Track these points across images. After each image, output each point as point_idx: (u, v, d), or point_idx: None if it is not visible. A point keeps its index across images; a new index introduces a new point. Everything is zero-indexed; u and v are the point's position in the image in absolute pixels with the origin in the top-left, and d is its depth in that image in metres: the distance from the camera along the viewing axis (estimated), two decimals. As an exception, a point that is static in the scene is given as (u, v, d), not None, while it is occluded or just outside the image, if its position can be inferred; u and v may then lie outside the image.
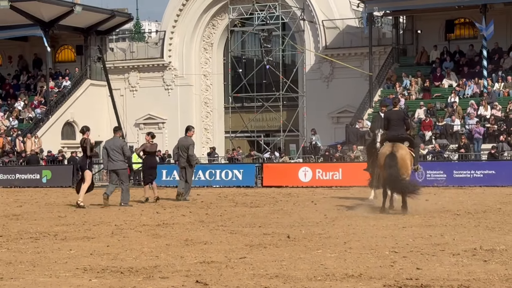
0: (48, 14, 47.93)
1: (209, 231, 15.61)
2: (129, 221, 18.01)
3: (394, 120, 19.53)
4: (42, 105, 49.49)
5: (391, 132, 19.47)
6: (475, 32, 43.77)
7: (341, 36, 47.29)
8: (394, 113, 19.88)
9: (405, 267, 10.48)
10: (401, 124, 19.55)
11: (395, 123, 19.47)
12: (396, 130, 19.43)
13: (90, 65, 51.42)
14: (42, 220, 18.63)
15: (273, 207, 22.28)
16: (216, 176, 37.32)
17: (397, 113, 19.88)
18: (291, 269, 10.49)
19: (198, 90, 51.55)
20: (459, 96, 41.22)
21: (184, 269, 10.63)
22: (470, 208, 20.39)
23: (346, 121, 43.20)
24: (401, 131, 19.50)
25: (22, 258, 11.95)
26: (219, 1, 50.62)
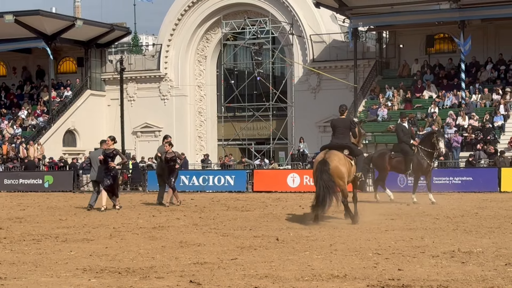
0: (50, 27, 47.86)
1: (203, 233, 15.60)
2: (126, 224, 17.99)
3: (340, 128, 18.55)
4: (44, 114, 49.39)
5: (334, 140, 18.56)
6: (454, 46, 43.88)
7: (328, 49, 47.36)
8: (340, 121, 18.77)
9: (388, 268, 10.49)
10: (347, 133, 18.50)
11: (340, 131, 18.49)
12: (340, 138, 18.43)
13: (90, 76, 51.36)
14: (44, 223, 18.60)
15: (263, 211, 22.27)
16: (209, 182, 37.28)
17: (343, 121, 18.72)
18: (280, 269, 10.49)
19: (192, 100, 51.52)
20: (438, 106, 41.30)
21: (179, 269, 10.62)
22: (448, 212, 20.42)
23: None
24: (345, 140, 18.41)
25: (25, 258, 11.92)
26: (213, 16, 50.66)
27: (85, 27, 48.80)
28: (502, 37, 43.74)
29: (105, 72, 52.33)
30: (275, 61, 49.60)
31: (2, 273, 10.40)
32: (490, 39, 44.10)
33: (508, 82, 41.68)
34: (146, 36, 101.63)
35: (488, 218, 18.67)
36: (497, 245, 13.01)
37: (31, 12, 47.19)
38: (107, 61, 52.66)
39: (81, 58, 51.77)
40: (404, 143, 25.60)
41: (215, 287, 9.26)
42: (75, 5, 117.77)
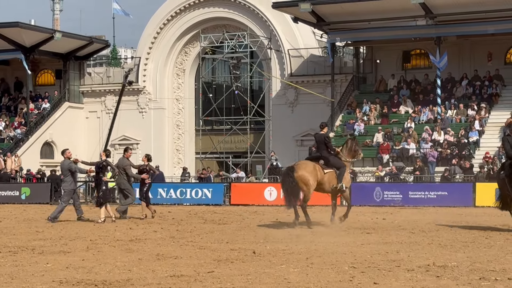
0: (29, 39, 47.71)
1: (179, 246, 15.56)
2: (103, 236, 17.91)
3: (318, 142, 21.37)
4: (22, 125, 49.17)
5: (315, 153, 21.79)
6: (430, 62, 44.08)
7: (305, 64, 47.50)
8: (318, 136, 21.56)
9: (363, 282, 10.50)
10: (323, 147, 20.95)
11: (319, 145, 21.26)
12: (319, 151, 21.13)
13: (68, 88, 51.20)
14: (20, 235, 18.48)
15: (240, 224, 22.25)
16: (186, 195, 37.19)
17: (319, 136, 21.41)
18: (256, 283, 10.48)
19: (170, 113, 51.47)
20: (414, 121, 41.50)
21: (155, 282, 10.58)
22: (424, 227, 20.48)
23: (310, 144, 43.26)
24: (323, 153, 20.80)
25: (1, 270, 11.83)
26: (192, 30, 50.70)
27: (64, 40, 48.69)
28: (477, 54, 44.07)
29: (84, 85, 52.19)
30: (253, 75, 49.70)
31: (-23, 285, 10.33)
32: (466, 55, 44.43)
33: (483, 98, 41.96)
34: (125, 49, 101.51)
35: (463, 232, 18.75)
36: (471, 259, 13.06)
37: (10, 24, 47.05)
38: (85, 74, 52.53)
39: (59, 70, 51.61)
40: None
41: (192, 300, 9.24)
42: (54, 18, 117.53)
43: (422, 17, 41.97)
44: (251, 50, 48.46)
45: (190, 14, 50.37)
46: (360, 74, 46.81)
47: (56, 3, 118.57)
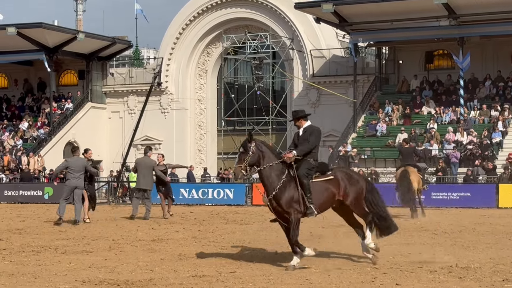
0: (52, 40, 47.93)
1: (201, 246, 15.58)
2: (125, 236, 17.95)
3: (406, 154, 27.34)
4: (45, 126, 49.41)
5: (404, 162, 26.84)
6: (453, 63, 43.89)
7: (328, 64, 47.40)
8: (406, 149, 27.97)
9: (385, 283, 10.47)
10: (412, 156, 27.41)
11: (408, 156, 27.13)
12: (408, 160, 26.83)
13: (91, 88, 51.41)
14: (43, 235, 18.56)
15: (262, 224, 22.23)
16: (208, 195, 37.25)
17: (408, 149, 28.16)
18: (278, 283, 10.47)
19: (192, 113, 51.54)
20: (437, 122, 41.33)
21: (177, 282, 10.60)
22: (446, 228, 20.40)
23: (331, 145, 43.21)
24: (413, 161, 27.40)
25: (24, 270, 11.89)
26: (214, 31, 50.75)
27: (87, 40, 48.88)
28: (500, 54, 43.80)
29: (106, 85, 52.37)
30: (275, 75, 49.67)
31: (1, 284, 10.38)
32: (489, 56, 44.17)
33: (506, 98, 41.73)
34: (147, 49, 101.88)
35: (486, 234, 18.65)
36: (494, 260, 12.99)
37: (33, 25, 47.28)
38: (108, 74, 52.71)
39: (82, 70, 51.82)
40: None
41: (214, 300, 9.25)
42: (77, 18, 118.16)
43: (445, 18, 41.75)
44: (273, 50, 48.46)
45: (212, 14, 50.41)
46: (383, 75, 46.66)
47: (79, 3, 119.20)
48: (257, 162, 12.62)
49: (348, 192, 12.79)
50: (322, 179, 12.71)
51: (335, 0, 42.73)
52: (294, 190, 12.46)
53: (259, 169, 12.58)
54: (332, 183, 12.76)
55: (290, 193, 12.45)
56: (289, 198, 12.45)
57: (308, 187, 12.45)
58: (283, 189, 12.45)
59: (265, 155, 12.64)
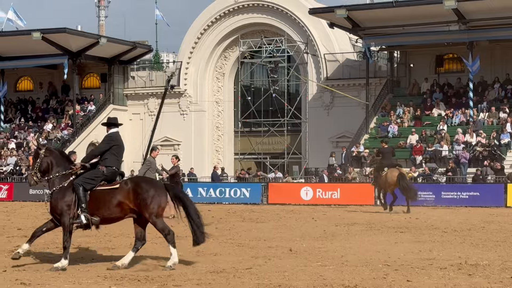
0: (76, 45, 48.10)
1: (219, 243, 15.59)
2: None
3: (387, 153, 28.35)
4: (69, 127, 49.59)
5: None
6: (462, 66, 43.75)
7: (341, 68, 47.35)
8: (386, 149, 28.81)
9: (397, 279, 10.45)
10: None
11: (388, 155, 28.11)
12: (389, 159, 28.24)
13: (113, 91, 51.57)
14: (67, 232, 18.58)
15: (277, 222, 22.25)
16: (225, 194, 37.30)
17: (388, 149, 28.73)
18: (293, 279, 10.47)
19: (210, 115, 51.61)
20: (447, 124, 41.18)
21: (196, 278, 10.61)
22: (456, 226, 20.34)
23: (345, 145, 43.15)
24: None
25: (48, 266, 11.93)
26: (231, 35, 50.79)
27: (109, 45, 49.03)
28: (509, 58, 43.59)
29: (127, 88, 52.50)
30: (290, 78, 49.64)
31: (26, 279, 10.43)
32: (498, 59, 43.97)
33: (514, 101, 41.58)
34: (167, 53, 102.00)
35: (494, 232, 18.58)
36: (503, 258, 12.94)
37: (57, 30, 47.44)
38: (129, 77, 52.84)
39: (104, 74, 51.99)
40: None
41: (230, 295, 9.25)
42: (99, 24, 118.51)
43: (455, 23, 41.61)
44: (288, 54, 48.46)
45: (229, 20, 50.46)
46: (394, 78, 46.55)
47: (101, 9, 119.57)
48: (46, 170, 12.30)
49: (140, 202, 11.98)
50: (106, 188, 12.09)
51: (348, 6, 42.80)
52: (69, 197, 12.03)
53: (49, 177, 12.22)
54: (120, 192, 12.02)
55: (64, 199, 12.02)
56: (61, 204, 12.03)
57: (81, 196, 11.94)
58: (59, 194, 12.09)
59: (55, 163, 12.29)
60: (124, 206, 11.99)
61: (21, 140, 49.34)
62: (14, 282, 10.22)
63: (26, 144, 48.68)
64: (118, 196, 11.95)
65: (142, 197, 11.89)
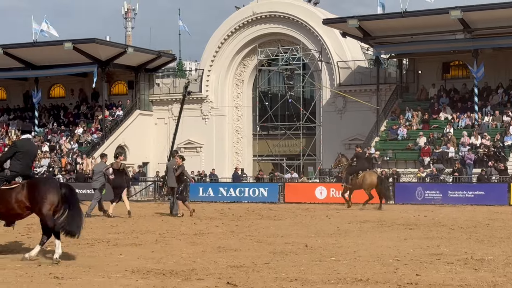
0: (104, 54, 48.29)
1: (239, 240, 15.59)
2: (170, 230, 18.02)
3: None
4: (98, 131, 49.78)
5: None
6: (467, 73, 43.57)
7: (353, 75, 47.28)
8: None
9: (406, 273, 10.41)
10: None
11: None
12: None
13: (139, 97, 51.71)
14: (96, 229, 18.69)
15: (293, 220, 22.23)
16: (245, 193, 37.30)
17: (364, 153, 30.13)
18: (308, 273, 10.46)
19: (230, 119, 51.65)
20: (453, 127, 41.01)
21: (217, 272, 10.62)
22: (462, 223, 20.24)
23: (356, 148, 43.03)
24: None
25: (80, 261, 11.98)
26: (249, 45, 50.83)
27: (135, 54, 49.19)
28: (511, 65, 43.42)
29: (153, 94, 52.64)
30: (305, 85, 49.61)
31: (59, 273, 10.48)
32: (501, 66, 43.74)
33: (517, 105, 41.35)
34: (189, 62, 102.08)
35: (498, 229, 18.48)
36: (507, 253, 12.87)
37: (87, 40, 47.64)
38: (154, 84, 52.98)
39: (131, 81, 52.16)
40: None
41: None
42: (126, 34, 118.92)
43: (460, 31, 41.46)
44: (304, 62, 48.42)
45: (248, 30, 50.50)
46: (403, 84, 46.41)
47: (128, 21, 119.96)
48: None
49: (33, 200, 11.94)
50: (6, 188, 12.12)
51: (359, 16, 42.74)
52: None
53: None
54: (18, 192, 12.04)
55: None
56: None
57: None
58: None
59: None
60: (20, 204, 12.09)
61: (54, 143, 49.59)
62: (48, 276, 10.27)
63: (59, 147, 48.94)
64: (17, 195, 12.07)
65: (33, 195, 11.99)
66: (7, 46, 49.28)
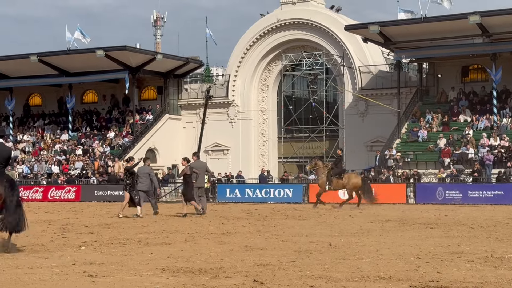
0: (135, 61, 48.54)
1: (265, 239, 15.58)
2: (199, 230, 18.05)
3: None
4: (129, 135, 50.03)
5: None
6: (486, 76, 43.28)
7: (374, 79, 47.12)
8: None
9: (428, 271, 10.35)
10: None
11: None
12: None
13: (168, 102, 51.91)
14: (128, 229, 18.77)
15: (317, 220, 22.18)
16: (270, 194, 37.29)
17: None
18: (332, 271, 10.43)
19: (256, 123, 51.68)
20: (473, 129, 40.73)
21: (244, 270, 10.62)
22: (482, 222, 20.08)
23: (378, 149, 42.93)
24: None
25: (112, 259, 12.04)
26: (274, 50, 50.84)
27: (164, 60, 49.39)
28: (530, 68, 43.07)
29: (181, 99, 52.82)
30: (328, 89, 49.53)
31: (93, 271, 10.53)
32: (519, 69, 43.41)
33: (535, 107, 40.98)
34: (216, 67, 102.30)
35: (517, 227, 18.31)
36: (526, 251, 12.74)
37: (118, 48, 47.92)
38: (183, 89, 53.15)
39: (160, 86, 52.37)
40: None
41: (276, 286, 9.23)
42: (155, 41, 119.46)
43: (479, 36, 41.20)
44: (326, 67, 48.36)
45: (272, 36, 50.53)
46: (423, 87, 46.18)
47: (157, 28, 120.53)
48: None
49: None
50: None
51: (380, 22, 42.60)
52: None
53: None
54: None
55: None
56: None
57: None
58: None
59: None
60: None
61: (87, 147, 49.91)
62: (82, 274, 10.33)
63: (92, 150, 49.24)
64: None
65: None
66: (42, 54, 49.73)
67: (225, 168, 48.52)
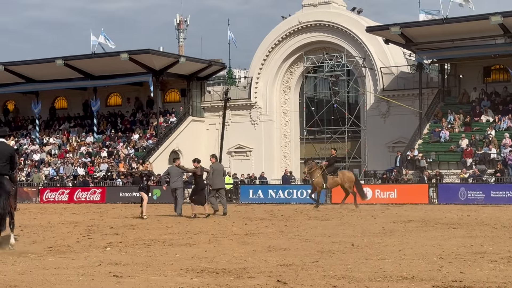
0: (158, 64, 48.72)
1: (288, 239, 15.57)
2: (222, 231, 18.08)
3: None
4: (153, 137, 50.21)
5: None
6: (508, 76, 42.96)
7: (396, 80, 46.94)
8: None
9: (451, 271, 10.28)
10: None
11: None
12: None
13: (192, 104, 52.04)
14: (153, 230, 18.84)
15: (340, 220, 22.12)
16: (293, 195, 37.24)
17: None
18: (355, 271, 10.39)
19: (278, 124, 51.67)
20: (495, 129, 40.44)
21: (268, 270, 10.62)
22: (505, 222, 19.92)
23: (400, 150, 42.75)
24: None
25: (137, 260, 12.08)
26: (296, 53, 50.81)
27: (188, 63, 49.51)
28: (552, 68, 42.68)
29: (204, 101, 52.93)
30: (350, 90, 49.40)
31: (118, 272, 10.58)
32: (541, 69, 43.04)
33: (557, 107, 40.59)
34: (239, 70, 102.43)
35: (541, 227, 18.14)
36: (549, 251, 12.61)
37: (142, 51, 48.12)
38: (206, 92, 53.25)
39: (184, 89, 52.51)
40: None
41: (299, 286, 9.22)
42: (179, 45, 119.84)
43: (501, 36, 40.90)
44: (348, 68, 48.23)
45: (294, 39, 50.50)
46: (445, 88, 45.92)
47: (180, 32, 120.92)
48: None
49: None
50: None
51: (401, 23, 42.42)
52: None
53: None
54: None
55: None
56: None
57: None
58: None
59: None
60: None
61: (112, 149, 50.16)
62: (107, 274, 10.38)
63: (116, 152, 49.48)
64: None
65: None
66: (67, 58, 50.08)
67: (248, 169, 48.55)
